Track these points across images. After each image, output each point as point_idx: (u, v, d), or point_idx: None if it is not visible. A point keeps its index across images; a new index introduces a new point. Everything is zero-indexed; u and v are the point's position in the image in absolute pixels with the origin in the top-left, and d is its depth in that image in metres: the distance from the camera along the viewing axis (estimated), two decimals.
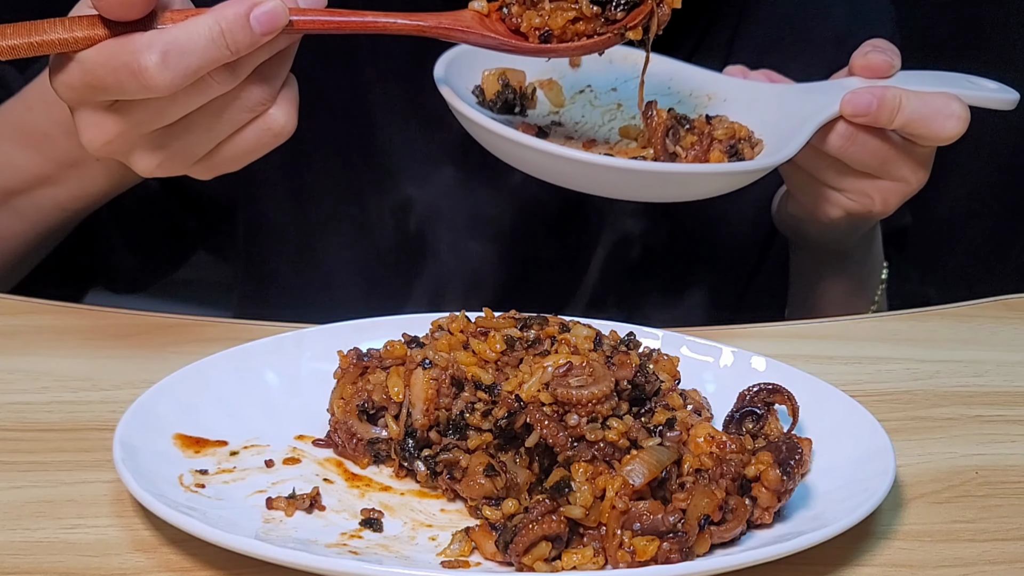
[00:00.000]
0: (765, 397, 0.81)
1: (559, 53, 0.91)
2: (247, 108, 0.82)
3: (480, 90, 1.02)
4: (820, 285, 1.15)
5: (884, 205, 1.00)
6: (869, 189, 0.99)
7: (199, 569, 0.70)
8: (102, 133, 0.82)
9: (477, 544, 0.71)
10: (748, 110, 1.02)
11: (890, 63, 0.98)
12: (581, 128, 1.05)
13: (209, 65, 0.78)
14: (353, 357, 0.83)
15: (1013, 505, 0.79)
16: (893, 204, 1.00)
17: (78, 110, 0.82)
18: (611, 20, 0.89)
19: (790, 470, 0.72)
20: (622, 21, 0.90)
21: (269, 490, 0.76)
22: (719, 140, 0.97)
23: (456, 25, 0.88)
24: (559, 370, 0.76)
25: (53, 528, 0.73)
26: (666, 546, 0.68)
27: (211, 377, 0.84)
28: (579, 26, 0.90)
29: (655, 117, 0.97)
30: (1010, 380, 0.95)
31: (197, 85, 0.79)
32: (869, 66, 0.98)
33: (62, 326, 0.97)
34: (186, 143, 0.83)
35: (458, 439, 0.76)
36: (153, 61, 0.76)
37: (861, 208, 1.00)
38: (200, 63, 0.78)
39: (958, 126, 0.94)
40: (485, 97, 1.01)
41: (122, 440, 0.75)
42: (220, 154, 0.84)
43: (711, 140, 0.97)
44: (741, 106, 1.03)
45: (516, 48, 0.90)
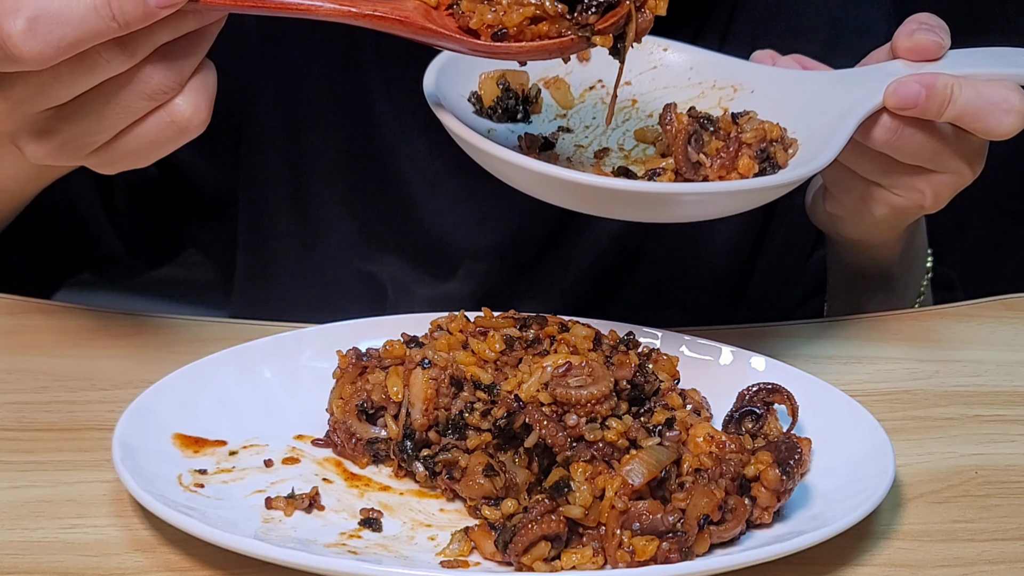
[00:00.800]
0: (764, 397, 0.81)
1: (512, 55, 0.79)
2: (145, 95, 0.73)
3: (477, 96, 0.91)
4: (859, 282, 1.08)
5: (936, 200, 0.91)
6: (919, 184, 0.90)
7: (198, 569, 0.70)
8: None
9: (476, 544, 0.71)
10: (778, 103, 0.90)
11: (940, 43, 0.87)
12: (592, 134, 0.94)
13: (90, 38, 0.69)
14: (352, 357, 0.83)
15: (1013, 505, 0.79)
16: (945, 197, 0.91)
17: None
18: (582, 24, 0.78)
19: (789, 470, 0.72)
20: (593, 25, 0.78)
21: (268, 490, 0.76)
22: (747, 144, 0.86)
23: (393, 14, 0.76)
24: (558, 370, 0.76)
25: (52, 528, 0.73)
26: (665, 546, 0.68)
27: (210, 377, 0.84)
28: (541, 26, 0.79)
29: (674, 123, 0.85)
30: (1010, 380, 0.95)
31: (82, 62, 0.70)
32: (916, 47, 0.88)
33: (61, 326, 0.97)
34: (78, 129, 0.75)
35: (457, 439, 0.76)
36: (18, 27, 0.67)
37: (910, 204, 0.91)
38: (77, 35, 0.68)
39: (1016, 122, 0.85)
40: (483, 104, 0.91)
41: (121, 440, 0.75)
42: (119, 146, 0.76)
43: (739, 144, 0.86)
44: (770, 98, 0.91)
45: (463, 45, 0.79)
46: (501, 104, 0.91)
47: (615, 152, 0.92)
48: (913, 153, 0.87)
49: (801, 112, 0.88)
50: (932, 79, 0.84)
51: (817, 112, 0.87)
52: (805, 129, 0.87)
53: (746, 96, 0.92)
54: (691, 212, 0.85)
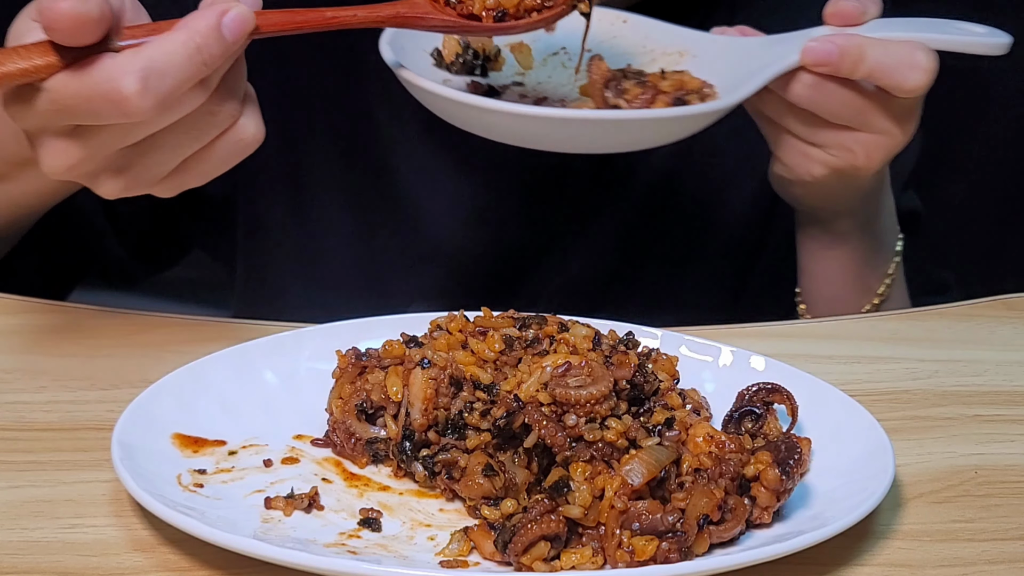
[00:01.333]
0: (764, 396, 0.81)
1: (513, 31, 0.90)
2: (216, 123, 0.79)
3: (438, 52, 0.99)
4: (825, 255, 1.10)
5: (868, 160, 0.95)
6: (849, 142, 0.95)
7: (197, 569, 0.70)
8: (65, 159, 0.77)
9: (476, 544, 0.71)
10: (714, 64, 0.99)
11: (861, 9, 0.93)
12: (541, 88, 1.03)
13: (188, 84, 0.74)
14: (352, 357, 0.83)
15: (1012, 505, 0.79)
16: (878, 159, 0.95)
17: (38, 137, 0.78)
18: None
19: (789, 470, 0.72)
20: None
21: (267, 490, 0.76)
22: (664, 92, 0.95)
23: (413, 12, 0.86)
24: (557, 370, 0.76)
25: (51, 528, 0.73)
26: (665, 546, 0.68)
27: (209, 376, 0.84)
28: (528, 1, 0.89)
29: (595, 70, 0.96)
30: (1009, 379, 0.95)
31: (174, 104, 0.75)
32: (838, 12, 0.94)
33: (60, 325, 0.97)
34: (152, 162, 0.79)
35: (457, 439, 0.76)
36: (133, 88, 0.72)
37: (843, 163, 0.96)
38: (179, 83, 0.74)
39: (922, 78, 0.90)
40: (443, 59, 0.99)
41: (120, 440, 0.75)
42: (188, 170, 0.81)
43: (656, 91, 0.95)
44: (708, 61, 1.00)
45: (471, 28, 0.89)
46: (460, 59, 0.99)
47: (554, 102, 1.01)
48: (836, 111, 0.93)
49: (731, 72, 0.96)
50: (845, 39, 0.90)
51: (744, 71, 0.95)
52: (730, 83, 0.95)
53: (690, 59, 1.01)
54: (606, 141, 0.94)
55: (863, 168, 0.96)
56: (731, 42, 1.01)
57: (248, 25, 0.76)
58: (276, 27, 0.80)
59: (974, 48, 0.94)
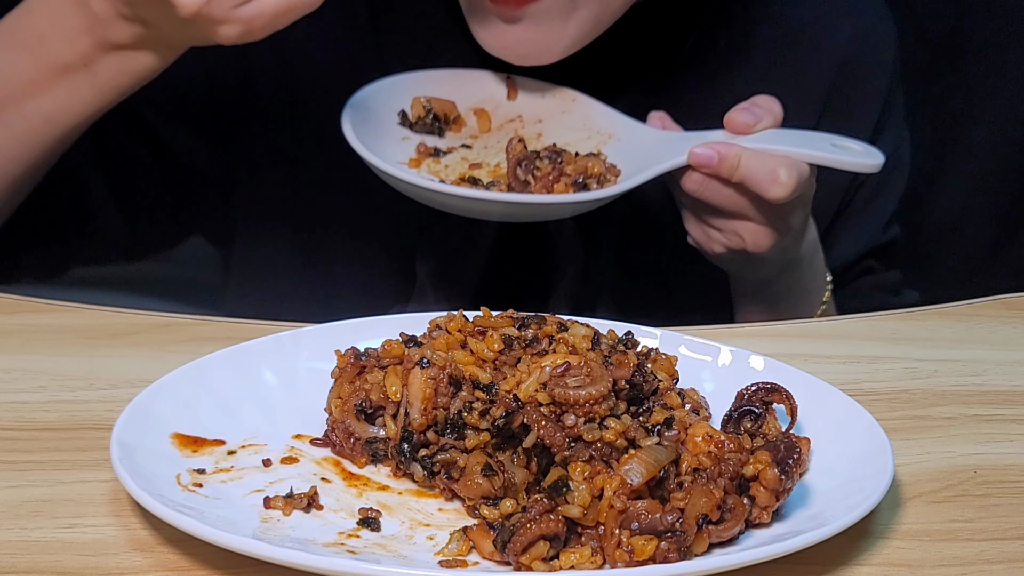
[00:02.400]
0: (763, 396, 0.81)
1: None
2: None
3: (404, 113, 1.13)
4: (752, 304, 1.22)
5: (755, 245, 1.07)
6: (738, 229, 1.07)
7: (197, 568, 0.70)
8: None
9: (475, 543, 0.71)
10: (630, 148, 1.13)
11: (751, 123, 1.06)
12: (485, 153, 1.15)
13: None
14: (351, 356, 0.83)
15: (1012, 504, 0.79)
16: (765, 245, 1.07)
17: None
18: None
19: (788, 469, 0.72)
20: None
21: (267, 489, 0.76)
22: (567, 175, 1.07)
23: None
24: (556, 370, 0.76)
25: (50, 527, 0.73)
26: (664, 545, 0.68)
27: (209, 376, 0.84)
28: None
29: (512, 150, 1.08)
30: (1009, 379, 0.95)
31: None
32: (732, 123, 1.06)
33: (59, 325, 0.97)
34: None
35: (456, 439, 0.76)
36: None
37: (735, 246, 1.08)
38: None
39: (782, 192, 1.02)
40: (407, 118, 1.13)
41: (119, 439, 0.75)
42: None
43: (560, 173, 1.07)
44: (627, 145, 1.13)
45: None
46: (422, 121, 1.13)
47: (486, 167, 1.13)
48: (720, 202, 1.06)
49: (636, 159, 1.10)
50: (726, 148, 1.03)
51: (643, 161, 1.08)
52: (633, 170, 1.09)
53: (614, 142, 1.15)
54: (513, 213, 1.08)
55: (753, 251, 1.08)
56: (650, 132, 1.14)
57: None
58: None
59: (847, 167, 1.07)
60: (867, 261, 1.30)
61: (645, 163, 1.08)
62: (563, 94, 1.18)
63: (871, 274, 1.31)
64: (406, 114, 1.14)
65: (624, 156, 1.12)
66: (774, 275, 1.16)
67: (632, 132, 1.15)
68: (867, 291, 1.29)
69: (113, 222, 1.21)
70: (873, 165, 1.07)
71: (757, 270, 1.15)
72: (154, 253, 1.30)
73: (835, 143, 1.08)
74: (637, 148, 1.12)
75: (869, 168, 1.07)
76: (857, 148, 1.08)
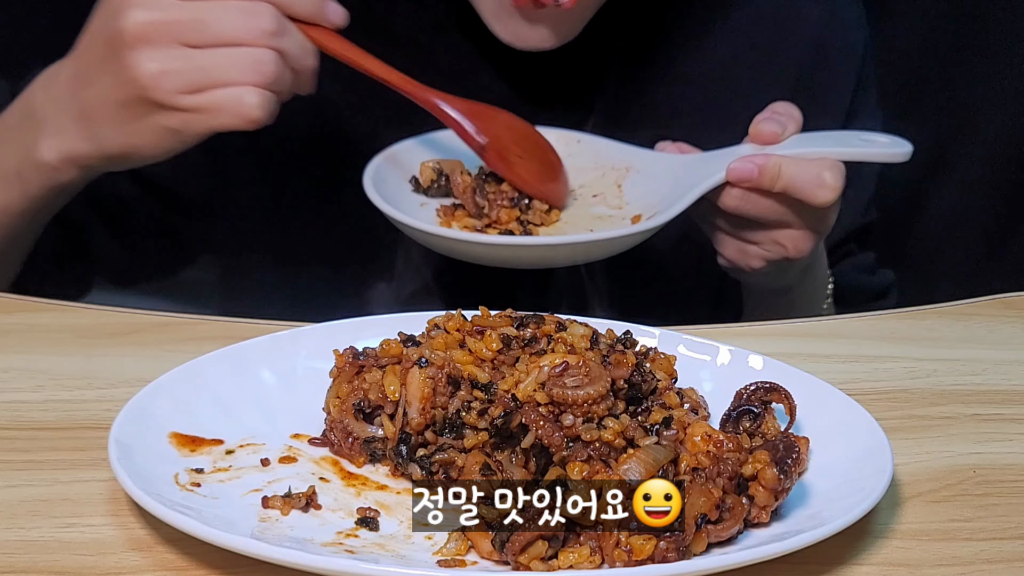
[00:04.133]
0: (762, 396, 0.81)
1: None
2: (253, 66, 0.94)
3: (415, 179, 1.13)
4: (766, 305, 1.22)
5: (797, 251, 1.08)
6: (779, 238, 1.07)
7: (195, 568, 0.70)
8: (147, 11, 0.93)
9: (473, 543, 0.71)
10: (655, 177, 1.12)
11: (779, 132, 1.06)
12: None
13: None
14: (349, 356, 0.83)
15: (1011, 504, 0.78)
16: (806, 249, 1.08)
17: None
18: None
19: (787, 469, 0.72)
20: None
21: (265, 489, 0.76)
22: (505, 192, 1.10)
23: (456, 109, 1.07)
24: (555, 370, 0.76)
25: (48, 527, 0.73)
26: (663, 545, 0.68)
27: (207, 376, 0.84)
28: None
29: (460, 183, 1.10)
30: (1008, 379, 0.95)
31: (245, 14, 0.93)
32: (759, 134, 1.06)
33: (57, 324, 0.97)
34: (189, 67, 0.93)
35: (454, 438, 0.76)
36: None
37: (776, 256, 1.09)
38: None
39: (829, 195, 1.03)
40: (419, 184, 1.13)
41: (117, 439, 0.74)
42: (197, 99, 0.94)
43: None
44: (650, 175, 1.13)
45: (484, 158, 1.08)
46: (435, 184, 1.12)
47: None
48: (762, 215, 1.05)
49: (668, 187, 1.09)
50: (764, 159, 1.03)
51: (677, 187, 1.08)
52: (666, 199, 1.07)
53: (633, 174, 1.14)
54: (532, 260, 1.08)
55: (794, 258, 1.08)
56: (670, 159, 1.13)
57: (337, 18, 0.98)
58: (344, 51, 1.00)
59: (879, 158, 1.08)
60: (848, 245, 1.31)
61: (674, 189, 1.08)
62: (565, 137, 1.17)
63: (850, 256, 1.32)
64: (417, 180, 1.13)
65: (647, 187, 1.12)
66: (797, 280, 1.17)
67: (650, 161, 1.14)
68: (848, 274, 1.30)
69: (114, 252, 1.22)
70: (903, 154, 1.07)
71: (784, 278, 1.15)
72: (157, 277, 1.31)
73: (863, 138, 1.08)
74: (662, 175, 1.11)
75: (900, 158, 1.07)
76: (884, 140, 1.08)
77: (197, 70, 0.93)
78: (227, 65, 0.93)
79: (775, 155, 1.04)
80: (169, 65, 0.93)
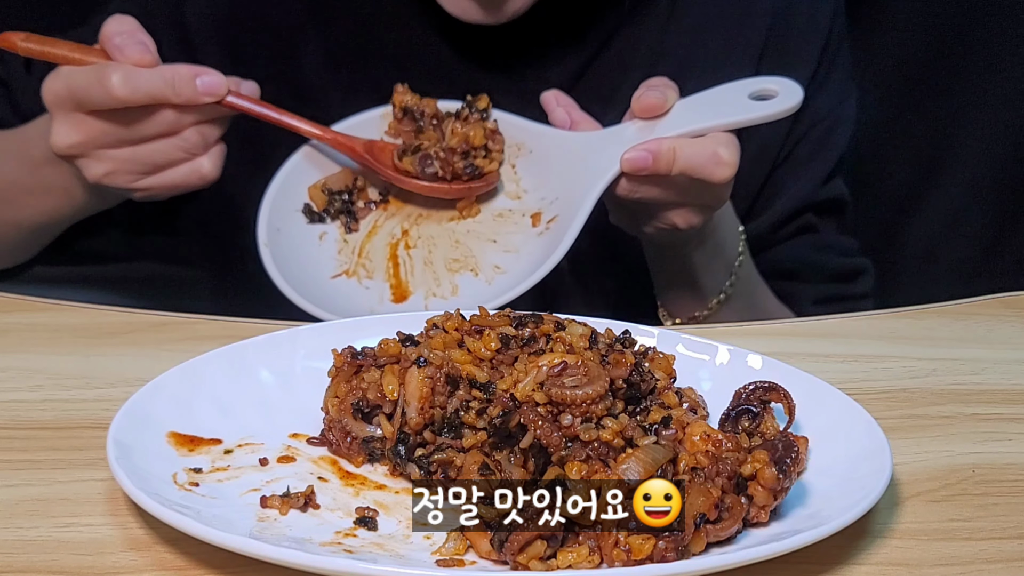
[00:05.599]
0: (761, 395, 0.81)
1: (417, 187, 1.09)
2: (184, 148, 1.05)
3: (308, 207, 1.12)
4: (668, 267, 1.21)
5: (687, 224, 1.08)
6: (669, 215, 1.08)
7: (193, 568, 0.70)
8: (70, 137, 1.03)
9: (472, 543, 0.71)
10: (541, 161, 1.11)
11: (663, 101, 1.05)
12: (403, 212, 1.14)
13: (156, 94, 1.01)
14: (347, 355, 0.83)
15: (1010, 504, 0.78)
16: (696, 222, 1.08)
17: (56, 113, 1.03)
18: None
19: (786, 468, 0.72)
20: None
21: (263, 488, 0.76)
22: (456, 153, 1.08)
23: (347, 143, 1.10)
24: (553, 370, 0.76)
25: (47, 527, 0.72)
26: (662, 544, 0.68)
27: (205, 375, 0.84)
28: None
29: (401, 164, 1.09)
30: (1007, 378, 0.95)
31: (150, 114, 1.02)
32: (643, 107, 1.05)
33: (56, 324, 0.97)
34: (130, 161, 1.04)
35: (453, 438, 0.76)
36: (116, 78, 1.00)
37: (667, 226, 1.09)
38: (148, 88, 1.00)
39: (727, 172, 1.02)
40: (314, 212, 1.12)
41: (116, 438, 0.74)
42: (154, 179, 1.06)
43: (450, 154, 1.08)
44: (541, 156, 1.11)
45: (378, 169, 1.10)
46: (332, 205, 1.12)
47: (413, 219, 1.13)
48: (654, 198, 1.06)
49: (562, 176, 1.09)
50: (657, 145, 1.02)
51: (572, 176, 1.07)
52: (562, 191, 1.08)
53: (526, 154, 1.13)
54: None
55: (685, 229, 1.09)
56: (561, 137, 1.10)
57: (217, 89, 1.03)
58: (239, 107, 1.06)
59: (771, 117, 1.05)
60: (805, 216, 1.28)
61: (574, 181, 1.06)
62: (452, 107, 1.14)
63: (811, 232, 1.29)
64: (311, 208, 1.12)
65: (540, 168, 1.11)
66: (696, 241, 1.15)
67: (542, 140, 1.11)
68: (802, 251, 1.28)
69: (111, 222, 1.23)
70: (794, 105, 1.05)
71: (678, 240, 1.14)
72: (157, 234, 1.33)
73: (752, 92, 1.06)
74: (552, 158, 1.10)
75: (790, 110, 1.05)
76: (774, 87, 1.06)
77: (142, 163, 1.05)
78: (167, 151, 1.04)
79: (667, 139, 1.03)
80: (113, 166, 1.04)
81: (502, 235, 1.09)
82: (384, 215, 1.12)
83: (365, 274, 1.07)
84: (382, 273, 1.07)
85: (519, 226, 1.09)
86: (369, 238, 1.10)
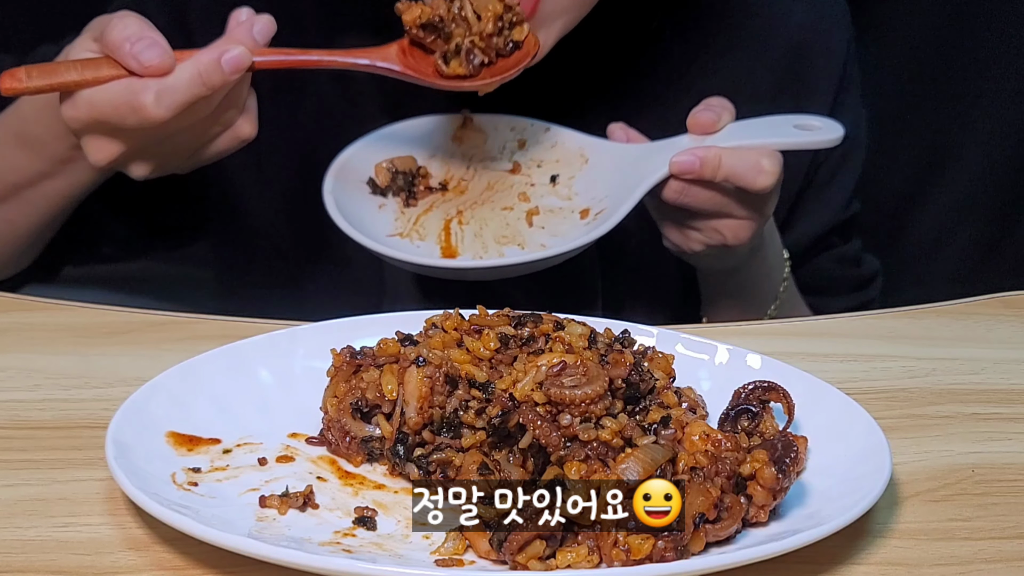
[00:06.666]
0: (760, 395, 0.80)
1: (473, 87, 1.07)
2: (221, 124, 1.02)
3: (372, 181, 1.15)
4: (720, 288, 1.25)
5: (736, 238, 1.11)
6: (718, 227, 1.11)
7: (192, 567, 0.70)
8: (107, 154, 1.00)
9: (471, 542, 0.71)
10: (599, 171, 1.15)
11: (715, 120, 1.09)
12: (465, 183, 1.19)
13: (192, 100, 0.96)
14: (346, 355, 0.83)
15: (1009, 503, 0.78)
16: (745, 237, 1.11)
17: (84, 135, 0.99)
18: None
19: (785, 468, 0.72)
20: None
21: (262, 488, 0.76)
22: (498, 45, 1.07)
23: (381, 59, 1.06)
24: (552, 370, 0.76)
25: (45, 526, 0.72)
26: (661, 544, 0.68)
27: (204, 375, 0.84)
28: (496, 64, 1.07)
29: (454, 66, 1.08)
30: (1007, 378, 0.95)
31: (183, 114, 0.97)
32: (697, 124, 1.10)
33: (55, 323, 0.97)
34: (172, 154, 1.03)
35: (452, 438, 0.76)
36: (150, 100, 0.95)
37: (715, 242, 1.12)
38: (185, 99, 0.96)
39: (768, 180, 1.06)
40: (377, 186, 1.15)
41: (115, 438, 0.74)
42: (198, 156, 1.04)
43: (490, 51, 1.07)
44: (596, 167, 1.16)
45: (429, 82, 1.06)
46: (394, 183, 1.15)
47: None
48: (702, 206, 1.09)
49: (615, 180, 1.13)
50: (704, 151, 1.07)
51: (623, 180, 1.12)
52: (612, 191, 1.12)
53: (584, 164, 1.18)
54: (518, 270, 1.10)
55: (733, 245, 1.12)
56: (620, 150, 1.16)
57: (244, 62, 0.97)
58: (270, 65, 1.01)
59: (813, 146, 1.12)
60: (829, 238, 1.32)
61: (620, 183, 1.11)
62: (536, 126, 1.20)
63: (831, 250, 1.33)
64: (375, 182, 1.15)
65: (594, 175, 1.15)
66: (744, 262, 1.19)
67: (602, 152, 1.17)
68: (828, 266, 1.32)
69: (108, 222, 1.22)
70: (835, 139, 1.11)
71: (730, 260, 1.18)
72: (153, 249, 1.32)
73: (796, 124, 1.11)
74: (611, 168, 1.14)
75: (832, 142, 1.11)
76: (817, 124, 1.12)
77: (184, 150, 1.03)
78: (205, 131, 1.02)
79: (714, 147, 1.08)
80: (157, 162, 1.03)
81: (551, 223, 1.14)
82: (442, 199, 1.16)
83: (418, 237, 1.12)
84: (434, 238, 1.12)
85: (568, 220, 1.14)
86: (425, 213, 1.15)
